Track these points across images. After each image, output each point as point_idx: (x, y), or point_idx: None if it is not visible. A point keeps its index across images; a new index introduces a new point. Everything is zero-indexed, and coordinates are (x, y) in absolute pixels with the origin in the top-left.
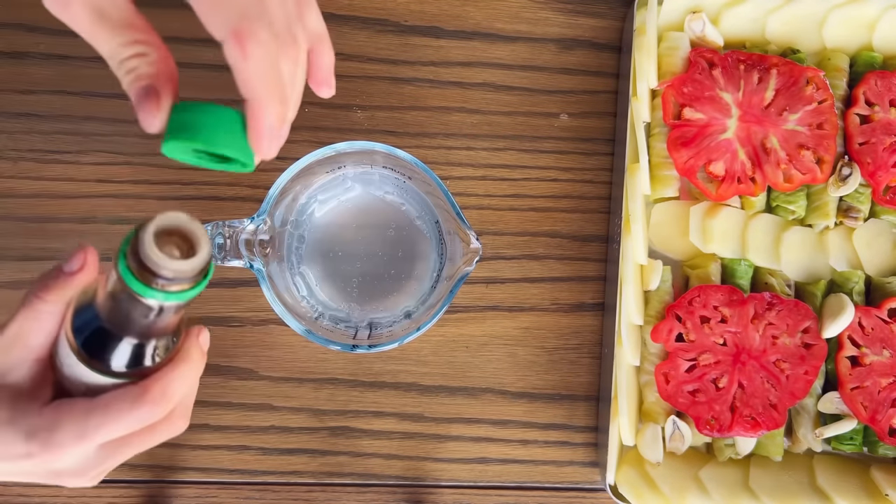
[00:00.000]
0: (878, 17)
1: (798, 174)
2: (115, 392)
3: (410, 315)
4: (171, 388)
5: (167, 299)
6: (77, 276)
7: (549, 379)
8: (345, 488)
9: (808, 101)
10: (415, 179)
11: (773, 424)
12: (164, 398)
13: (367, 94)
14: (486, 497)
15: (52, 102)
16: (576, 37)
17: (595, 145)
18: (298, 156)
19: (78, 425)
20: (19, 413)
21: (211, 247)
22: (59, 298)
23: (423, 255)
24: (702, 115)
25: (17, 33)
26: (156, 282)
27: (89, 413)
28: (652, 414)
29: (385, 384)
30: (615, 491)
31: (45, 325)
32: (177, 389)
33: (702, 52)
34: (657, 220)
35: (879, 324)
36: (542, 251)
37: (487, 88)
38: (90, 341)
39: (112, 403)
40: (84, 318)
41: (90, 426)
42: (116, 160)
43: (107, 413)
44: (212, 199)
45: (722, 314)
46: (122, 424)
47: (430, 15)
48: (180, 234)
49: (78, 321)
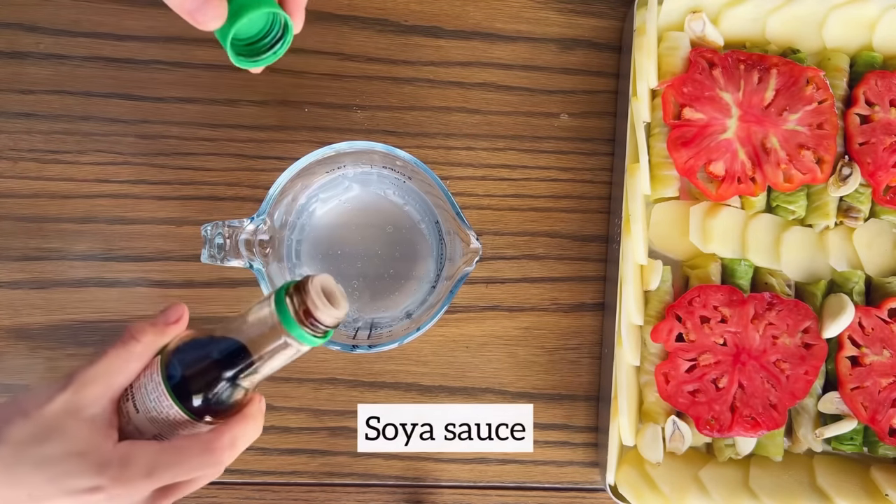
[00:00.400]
0: (879, 17)
1: (798, 174)
2: (187, 436)
3: (410, 315)
4: (240, 439)
5: (315, 343)
6: (173, 326)
7: (549, 379)
8: (345, 488)
9: (808, 100)
10: (415, 179)
11: (774, 424)
12: (233, 447)
13: (367, 94)
14: (486, 497)
15: (51, 102)
16: (576, 37)
17: (595, 145)
18: (298, 156)
19: (150, 462)
20: (93, 446)
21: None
22: (153, 343)
23: (422, 255)
24: (702, 115)
25: (17, 33)
26: (309, 324)
27: (162, 452)
28: (652, 414)
29: (385, 384)
30: (615, 491)
31: (132, 366)
32: (243, 441)
33: (702, 52)
34: (657, 220)
35: (879, 324)
36: (542, 251)
37: (487, 88)
38: (189, 378)
39: (185, 446)
40: (190, 356)
41: (161, 464)
42: (116, 160)
43: (179, 454)
44: (211, 199)
45: (722, 314)
46: (189, 466)
47: (430, 15)
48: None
49: (181, 359)
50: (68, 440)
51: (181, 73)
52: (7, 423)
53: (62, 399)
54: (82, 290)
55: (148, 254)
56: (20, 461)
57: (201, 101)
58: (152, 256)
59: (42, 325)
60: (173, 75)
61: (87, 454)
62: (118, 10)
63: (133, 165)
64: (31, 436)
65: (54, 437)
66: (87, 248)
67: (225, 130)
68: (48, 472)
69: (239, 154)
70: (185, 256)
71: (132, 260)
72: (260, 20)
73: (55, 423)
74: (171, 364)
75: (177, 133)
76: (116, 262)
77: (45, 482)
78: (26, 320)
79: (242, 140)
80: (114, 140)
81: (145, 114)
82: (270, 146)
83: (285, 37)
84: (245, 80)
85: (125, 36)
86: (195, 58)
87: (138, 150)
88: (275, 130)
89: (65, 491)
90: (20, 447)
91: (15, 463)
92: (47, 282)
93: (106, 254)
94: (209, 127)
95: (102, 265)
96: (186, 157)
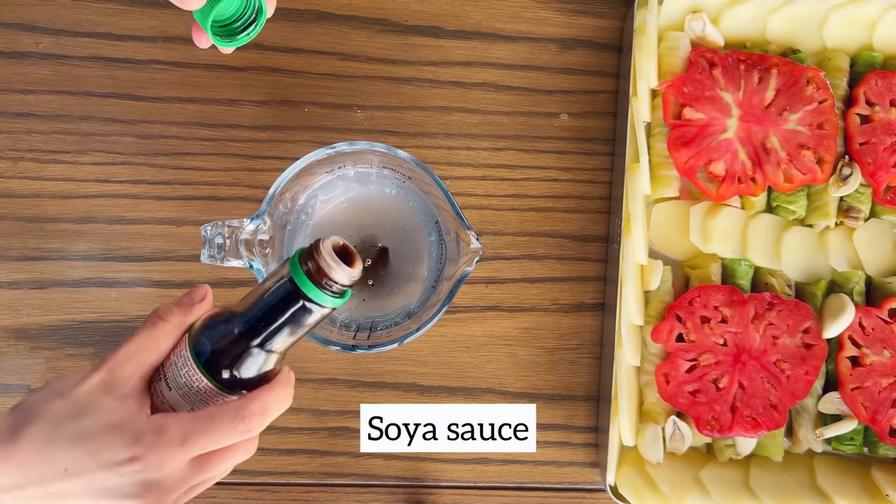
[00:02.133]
0: (879, 17)
1: (798, 174)
2: (218, 404)
3: (410, 315)
4: (270, 406)
5: (333, 303)
6: (199, 305)
7: (549, 379)
8: (344, 488)
9: (808, 100)
10: (414, 179)
11: (774, 425)
12: (263, 414)
13: (367, 93)
14: (486, 497)
15: (51, 102)
16: (576, 37)
17: (595, 145)
18: (298, 156)
19: (184, 430)
20: (127, 419)
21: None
22: (181, 322)
23: (423, 256)
24: (702, 115)
25: (17, 33)
26: (325, 285)
27: (195, 420)
28: (652, 414)
29: (385, 384)
30: (615, 491)
31: (162, 344)
32: (274, 408)
33: (702, 52)
34: (657, 220)
35: (880, 324)
36: (542, 251)
37: (487, 88)
38: (217, 352)
39: (217, 414)
40: (217, 330)
41: (194, 431)
42: (115, 160)
43: (211, 422)
44: (211, 199)
45: (722, 314)
46: (222, 434)
47: (430, 15)
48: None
49: (208, 334)
50: (103, 415)
51: (181, 73)
52: (44, 403)
53: (96, 379)
54: (82, 291)
55: (148, 254)
56: (56, 436)
57: (201, 101)
58: (152, 256)
59: (42, 325)
60: (173, 75)
61: (121, 426)
62: (118, 10)
63: (133, 165)
64: (67, 412)
65: (90, 413)
66: (87, 248)
67: (225, 130)
68: (84, 446)
69: (239, 154)
70: (185, 256)
71: (132, 260)
72: (235, 3)
73: (90, 400)
74: (199, 340)
75: (176, 133)
76: (116, 262)
77: (81, 456)
78: (26, 320)
79: (242, 140)
80: (113, 140)
81: (145, 114)
82: (270, 146)
83: (258, 19)
84: (245, 80)
85: (125, 36)
86: (195, 58)
87: (138, 150)
88: (275, 130)
89: (102, 464)
90: (56, 424)
91: (51, 438)
92: (47, 282)
93: (106, 254)
94: (209, 127)
95: (102, 265)
96: (186, 157)
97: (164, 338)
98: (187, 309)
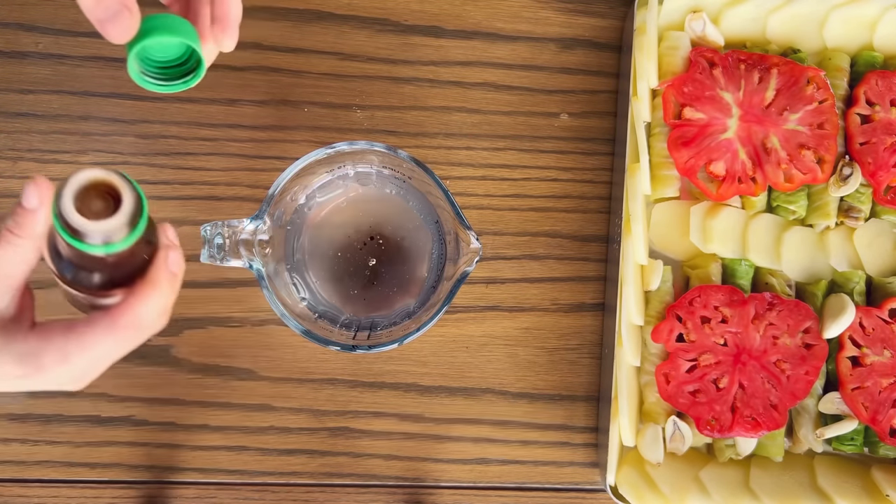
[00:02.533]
0: (879, 16)
1: (799, 174)
2: (89, 320)
3: (410, 315)
4: (141, 316)
5: (107, 251)
6: (39, 212)
7: (549, 379)
8: (344, 489)
9: (808, 100)
10: (414, 179)
11: (774, 425)
12: (136, 325)
13: (367, 93)
14: (486, 498)
15: (50, 102)
16: (576, 36)
17: (595, 145)
18: (298, 156)
19: (59, 351)
20: (9, 339)
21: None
22: (30, 233)
23: (423, 256)
24: (702, 115)
25: (16, 33)
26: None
27: (67, 340)
28: (652, 414)
29: (385, 384)
30: (615, 492)
31: (23, 256)
32: (147, 316)
33: (702, 52)
34: (657, 220)
35: (880, 324)
36: (542, 251)
37: (487, 88)
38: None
39: (87, 332)
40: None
41: (71, 352)
42: (115, 160)
43: (83, 341)
44: (210, 199)
45: (722, 314)
46: (98, 350)
47: (430, 14)
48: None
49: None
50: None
51: None
52: None
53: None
54: None
55: None
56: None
57: (200, 100)
58: None
59: None
60: None
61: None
62: None
63: (132, 165)
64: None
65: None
66: None
67: (224, 130)
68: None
69: (238, 154)
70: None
71: None
72: (174, 48)
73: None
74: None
75: (176, 133)
76: None
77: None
78: None
79: (242, 140)
80: (113, 140)
81: (144, 114)
82: (270, 146)
83: (197, 71)
84: (244, 79)
85: None
86: None
87: (138, 149)
88: (274, 130)
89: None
90: None
91: None
92: (47, 282)
93: None
94: (208, 127)
95: None
96: (186, 156)
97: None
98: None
